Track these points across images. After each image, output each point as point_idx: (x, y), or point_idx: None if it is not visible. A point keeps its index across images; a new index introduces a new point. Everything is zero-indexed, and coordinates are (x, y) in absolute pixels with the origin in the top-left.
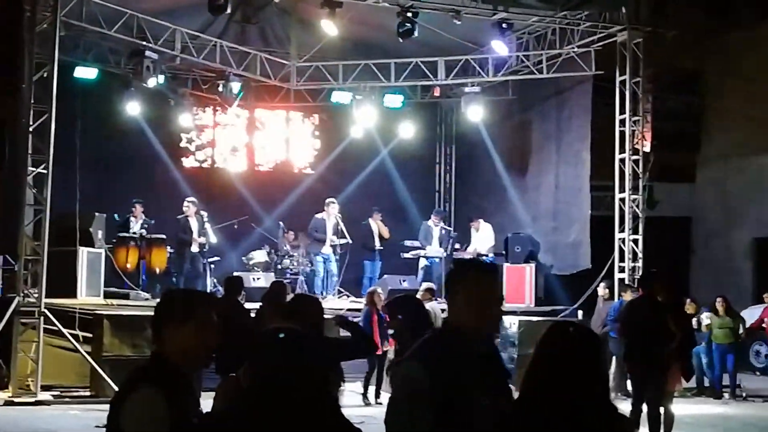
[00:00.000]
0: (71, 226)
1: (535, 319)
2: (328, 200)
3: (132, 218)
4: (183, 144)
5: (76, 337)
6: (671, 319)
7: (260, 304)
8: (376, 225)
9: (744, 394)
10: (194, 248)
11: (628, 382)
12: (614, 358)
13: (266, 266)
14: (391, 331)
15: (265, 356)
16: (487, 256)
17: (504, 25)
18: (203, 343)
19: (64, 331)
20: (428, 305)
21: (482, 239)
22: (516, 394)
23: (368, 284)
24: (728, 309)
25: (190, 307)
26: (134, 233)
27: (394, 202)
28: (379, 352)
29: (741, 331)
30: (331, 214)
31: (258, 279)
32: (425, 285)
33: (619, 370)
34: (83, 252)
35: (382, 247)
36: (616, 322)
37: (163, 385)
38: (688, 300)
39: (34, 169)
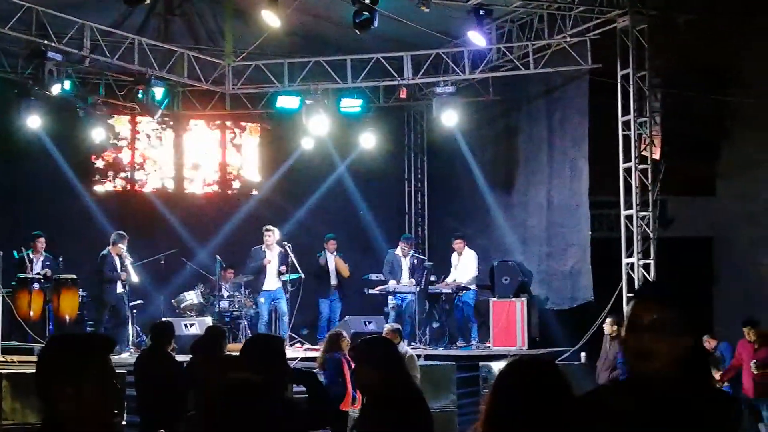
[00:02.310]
0: None
1: None
2: (265, 228)
3: (32, 255)
4: (95, 164)
5: None
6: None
7: (191, 354)
8: (332, 257)
9: None
10: (119, 288)
11: None
12: None
13: (201, 309)
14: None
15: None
16: (468, 288)
17: (481, 12)
18: (103, 404)
19: None
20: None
21: (463, 268)
22: None
23: (326, 328)
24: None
25: (80, 359)
26: (36, 274)
27: (356, 228)
28: (357, 407)
29: None
30: (270, 244)
31: (192, 325)
32: (389, 326)
33: None
34: None
35: (338, 284)
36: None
37: None
38: (705, 336)
39: None
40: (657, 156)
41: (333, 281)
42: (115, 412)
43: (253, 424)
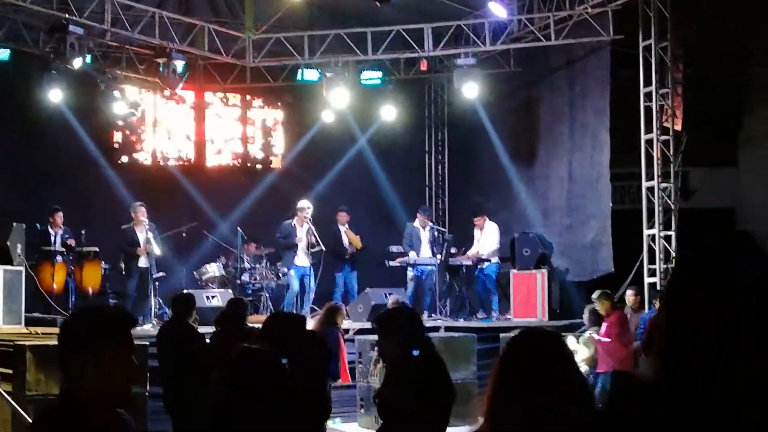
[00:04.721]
0: None
1: None
2: (301, 205)
3: (50, 229)
4: (117, 137)
5: None
6: None
7: (214, 327)
8: (344, 230)
9: None
10: (142, 262)
11: None
12: None
13: (222, 282)
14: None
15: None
16: (490, 260)
17: None
18: (122, 376)
19: None
20: None
21: (486, 241)
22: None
23: (342, 300)
24: None
25: (101, 332)
26: (58, 246)
27: (376, 201)
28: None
29: None
30: (303, 221)
31: (213, 297)
32: (393, 297)
33: None
34: None
35: (351, 256)
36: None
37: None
38: None
39: None
40: (679, 127)
41: (346, 254)
42: (133, 387)
43: (259, 392)
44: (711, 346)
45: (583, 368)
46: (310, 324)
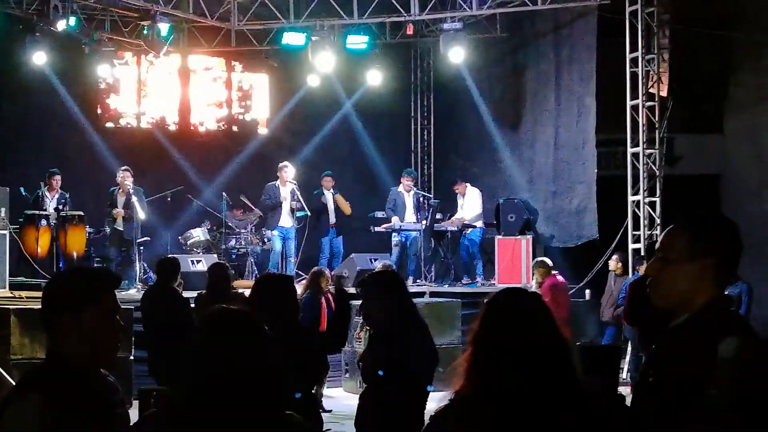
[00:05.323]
0: None
1: None
2: (281, 164)
3: (46, 193)
4: (101, 101)
5: None
6: None
7: (199, 292)
8: (330, 194)
9: None
10: (119, 225)
11: None
12: (629, 343)
13: (207, 246)
14: (358, 320)
15: (201, 351)
16: (474, 226)
17: None
18: (105, 337)
19: None
20: None
21: (468, 207)
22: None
23: (327, 266)
24: None
25: (85, 292)
26: (55, 209)
27: (362, 165)
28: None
29: None
30: (286, 181)
31: (198, 262)
32: (382, 263)
33: (635, 358)
34: None
35: (337, 222)
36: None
37: (52, 392)
38: None
39: None
40: (664, 93)
41: (332, 219)
42: (118, 351)
43: (231, 352)
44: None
45: None
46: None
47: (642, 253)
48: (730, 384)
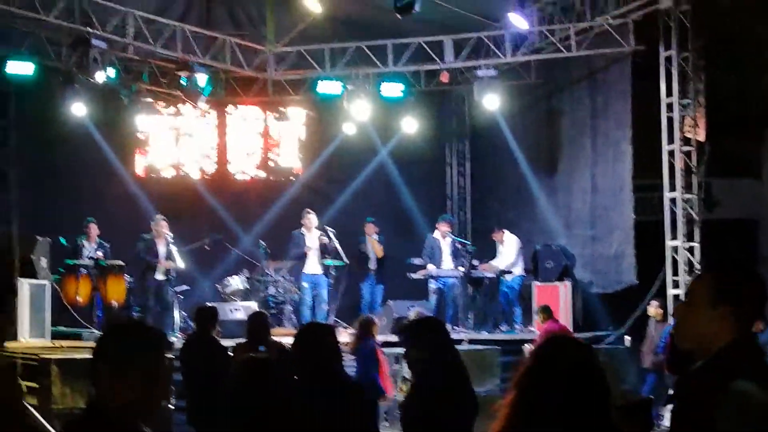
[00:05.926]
0: (7, 253)
1: None
2: (305, 211)
3: (85, 242)
4: (139, 150)
5: (18, 387)
6: None
7: (237, 341)
8: (370, 240)
9: None
10: (159, 275)
11: None
12: (670, 392)
13: (245, 294)
14: (399, 368)
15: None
16: (510, 272)
17: None
18: (150, 394)
19: None
20: None
21: (505, 254)
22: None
23: (368, 312)
24: None
25: (134, 349)
26: (90, 259)
27: (398, 212)
28: (392, 395)
29: None
30: (310, 227)
31: (236, 310)
32: (416, 310)
33: None
34: (24, 284)
35: (376, 267)
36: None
37: None
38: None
39: None
40: (701, 138)
41: (372, 265)
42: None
43: (261, 399)
44: None
45: None
46: (345, 337)
47: (682, 299)
48: (737, 428)
